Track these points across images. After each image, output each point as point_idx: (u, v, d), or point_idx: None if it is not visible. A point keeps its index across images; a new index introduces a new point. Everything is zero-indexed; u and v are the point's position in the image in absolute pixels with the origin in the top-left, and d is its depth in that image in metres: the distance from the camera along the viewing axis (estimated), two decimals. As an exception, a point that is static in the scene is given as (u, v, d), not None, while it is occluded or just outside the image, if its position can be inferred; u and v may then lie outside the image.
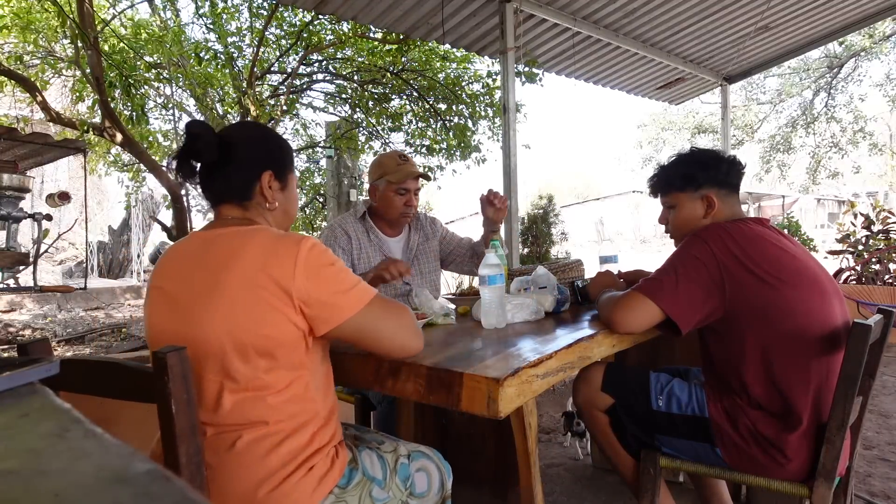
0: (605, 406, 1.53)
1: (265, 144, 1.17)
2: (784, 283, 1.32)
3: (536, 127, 66.33)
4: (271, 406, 0.98)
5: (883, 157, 17.07)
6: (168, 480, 0.27)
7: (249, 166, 1.11)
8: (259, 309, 0.96)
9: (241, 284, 0.97)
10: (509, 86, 3.90)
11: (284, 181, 1.16)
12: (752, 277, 1.33)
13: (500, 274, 1.44)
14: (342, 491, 1.04)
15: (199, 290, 1.00)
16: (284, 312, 0.97)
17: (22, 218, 5.76)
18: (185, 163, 1.10)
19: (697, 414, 1.40)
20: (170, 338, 1.03)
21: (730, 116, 6.23)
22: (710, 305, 1.35)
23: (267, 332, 0.96)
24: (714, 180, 1.52)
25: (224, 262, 0.99)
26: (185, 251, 1.09)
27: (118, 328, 6.19)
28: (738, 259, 1.34)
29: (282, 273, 0.96)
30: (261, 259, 0.98)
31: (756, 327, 1.33)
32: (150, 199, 11.29)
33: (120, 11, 5.93)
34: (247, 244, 1.00)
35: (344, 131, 6.65)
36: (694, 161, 1.55)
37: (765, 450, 1.32)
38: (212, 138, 1.09)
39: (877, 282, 5.25)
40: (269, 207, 1.13)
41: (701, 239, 1.39)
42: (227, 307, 0.97)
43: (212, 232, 1.08)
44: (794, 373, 1.31)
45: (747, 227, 1.43)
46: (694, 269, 1.36)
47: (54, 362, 0.49)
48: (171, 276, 1.07)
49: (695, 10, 4.43)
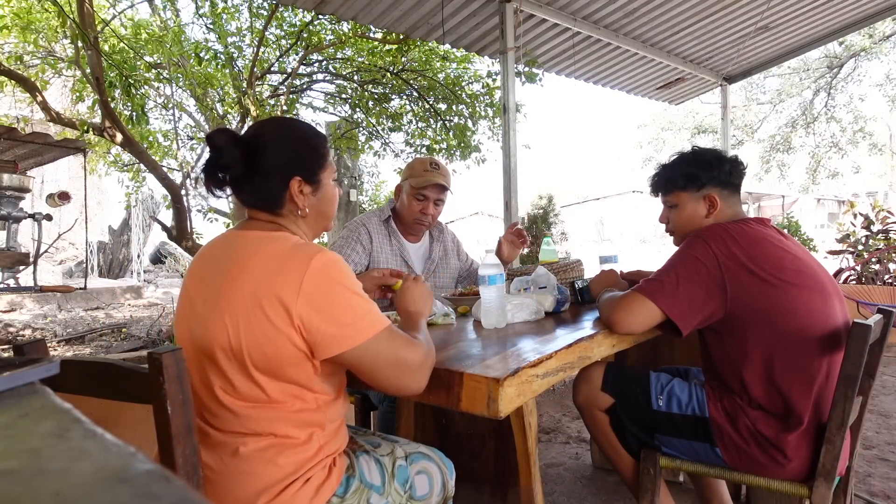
0: (605, 406, 1.53)
1: (291, 146, 1.09)
2: (786, 283, 1.32)
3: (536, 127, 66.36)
4: (276, 419, 0.97)
5: (883, 157, 17.07)
6: (168, 480, 0.27)
7: (277, 176, 1.06)
8: (259, 325, 0.93)
9: (246, 296, 0.94)
10: (509, 86, 3.90)
11: (316, 183, 1.10)
12: (753, 278, 1.32)
13: (500, 274, 1.44)
14: (340, 500, 1.02)
15: (212, 293, 0.99)
16: (285, 332, 0.93)
17: (22, 218, 5.77)
18: (212, 175, 1.05)
19: (698, 414, 1.40)
20: (189, 339, 1.01)
21: (730, 116, 6.23)
22: (710, 306, 1.35)
23: (267, 350, 0.93)
24: (716, 180, 1.52)
25: (235, 269, 0.98)
26: (211, 251, 1.07)
27: (118, 328, 6.19)
28: (739, 259, 1.34)
29: (286, 291, 0.92)
30: (269, 271, 0.95)
31: (758, 328, 1.33)
32: (150, 199, 11.29)
33: (120, 11, 5.93)
34: (259, 254, 0.98)
35: (344, 131, 6.65)
36: (697, 160, 1.55)
37: (765, 450, 1.32)
38: (235, 150, 1.03)
39: (877, 282, 5.25)
40: (300, 215, 1.09)
41: (702, 239, 1.39)
42: (230, 317, 0.94)
43: (239, 233, 1.06)
44: (795, 373, 1.31)
45: (749, 227, 1.42)
46: (694, 269, 1.36)
47: (55, 362, 0.49)
48: (196, 276, 1.05)
49: (695, 10, 4.42)
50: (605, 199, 25.66)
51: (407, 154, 7.39)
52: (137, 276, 11.32)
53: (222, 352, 0.95)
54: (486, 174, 7.07)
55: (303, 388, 0.98)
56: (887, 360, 4.10)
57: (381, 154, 7.62)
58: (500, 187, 4.02)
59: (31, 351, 0.92)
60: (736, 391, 1.38)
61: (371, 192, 9.90)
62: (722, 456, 1.37)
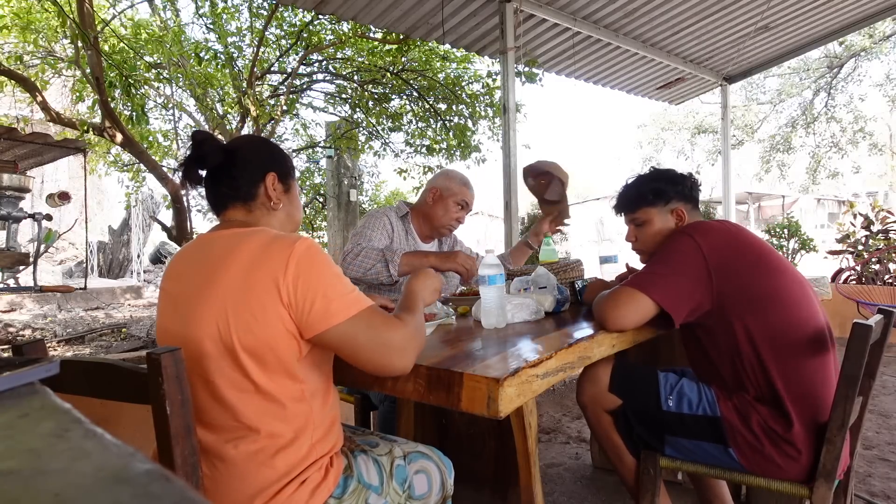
0: (611, 406, 1.51)
1: (268, 148, 1.20)
2: (771, 269, 1.39)
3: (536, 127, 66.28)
4: (264, 413, 0.96)
5: (883, 157, 17.08)
6: (168, 480, 0.27)
7: (253, 168, 1.14)
8: (250, 307, 0.95)
9: (234, 283, 0.96)
10: (509, 86, 3.90)
11: (287, 185, 1.19)
12: (739, 263, 1.38)
13: (500, 274, 1.44)
14: (338, 501, 1.02)
15: (194, 289, 1.00)
16: (276, 311, 0.95)
17: (22, 218, 5.76)
18: (191, 169, 1.14)
19: (709, 414, 1.39)
20: (171, 338, 1.03)
21: (730, 116, 6.23)
22: (698, 296, 1.38)
23: (257, 331, 0.95)
24: (681, 195, 1.60)
25: (219, 262, 1.00)
26: (187, 253, 1.11)
27: (118, 328, 6.19)
28: (723, 247, 1.40)
29: (274, 271, 0.95)
30: (255, 257, 0.97)
31: (745, 315, 1.35)
32: (150, 199, 11.30)
33: (120, 11, 5.93)
34: (243, 243, 1.00)
35: (344, 131, 6.66)
36: (661, 176, 1.63)
37: (777, 445, 1.31)
38: (216, 142, 1.13)
39: (877, 282, 5.26)
40: (273, 207, 1.15)
41: (685, 233, 1.44)
42: (219, 305, 0.96)
43: (214, 234, 1.09)
44: (785, 363, 1.32)
45: (723, 223, 1.51)
46: (681, 261, 1.41)
47: (55, 362, 0.49)
48: (173, 277, 1.08)
49: (695, 10, 4.43)
50: (605, 199, 25.66)
51: (407, 154, 7.40)
52: (137, 276, 11.32)
53: (211, 341, 0.96)
54: (486, 174, 7.07)
55: (289, 377, 0.98)
56: (887, 360, 4.11)
57: (381, 154, 7.63)
58: (500, 187, 4.02)
59: (30, 351, 0.92)
60: (739, 386, 1.38)
61: (371, 192, 9.90)
62: (736, 457, 1.36)
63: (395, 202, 2.35)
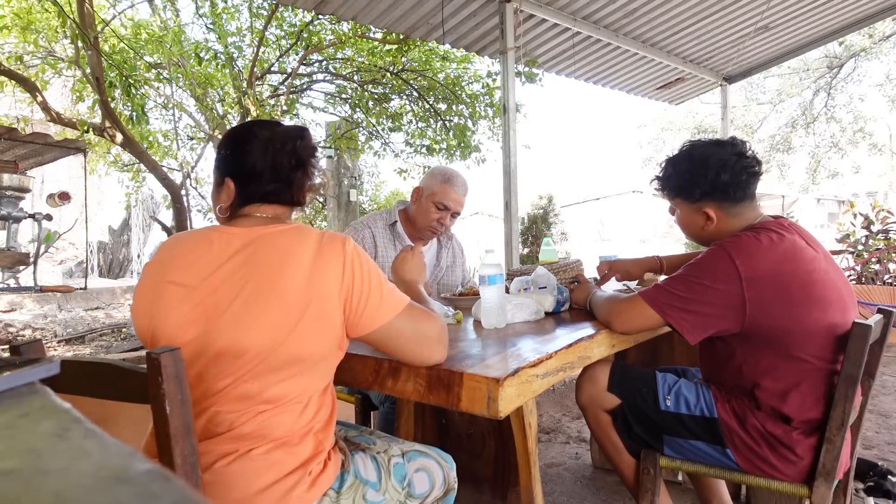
0: (610, 406, 1.51)
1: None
2: (812, 299, 1.26)
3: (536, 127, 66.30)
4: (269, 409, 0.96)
5: (883, 157, 17.06)
6: (168, 480, 0.27)
7: (313, 173, 1.15)
8: (317, 318, 0.95)
9: (298, 292, 0.94)
10: (509, 86, 3.90)
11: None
12: (780, 296, 1.25)
13: (500, 274, 1.44)
14: (336, 494, 1.02)
15: (246, 293, 0.95)
16: (339, 319, 0.97)
17: (22, 218, 5.77)
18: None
19: (707, 415, 1.38)
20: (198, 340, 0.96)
21: (730, 116, 6.23)
22: (721, 323, 1.30)
23: (316, 342, 0.96)
24: (711, 197, 1.38)
25: (275, 267, 0.96)
26: (201, 245, 1.02)
27: (118, 328, 6.19)
28: (767, 275, 1.26)
29: (334, 278, 0.96)
30: (313, 262, 0.96)
31: (775, 345, 1.29)
32: (150, 199, 11.30)
33: (120, 11, 5.93)
34: (295, 247, 0.98)
35: (344, 131, 6.66)
36: (690, 170, 1.41)
37: (775, 449, 1.30)
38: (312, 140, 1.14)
39: (876, 282, 5.26)
40: (300, 209, 1.16)
41: (724, 251, 1.29)
42: (282, 314, 0.93)
43: (247, 230, 1.02)
44: (811, 384, 1.28)
45: (778, 237, 1.30)
46: (710, 287, 1.28)
47: (55, 362, 0.49)
48: (184, 267, 1.00)
49: (695, 10, 4.42)
50: (605, 199, 25.65)
51: (407, 154, 7.40)
52: (137, 276, 11.31)
53: (258, 347, 0.93)
54: (486, 174, 7.08)
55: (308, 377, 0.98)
56: (887, 360, 4.10)
57: (381, 154, 7.63)
58: (500, 187, 4.02)
59: (29, 351, 0.92)
60: (744, 394, 1.36)
61: (371, 192, 9.90)
62: (734, 458, 1.35)
63: (394, 203, 2.29)
